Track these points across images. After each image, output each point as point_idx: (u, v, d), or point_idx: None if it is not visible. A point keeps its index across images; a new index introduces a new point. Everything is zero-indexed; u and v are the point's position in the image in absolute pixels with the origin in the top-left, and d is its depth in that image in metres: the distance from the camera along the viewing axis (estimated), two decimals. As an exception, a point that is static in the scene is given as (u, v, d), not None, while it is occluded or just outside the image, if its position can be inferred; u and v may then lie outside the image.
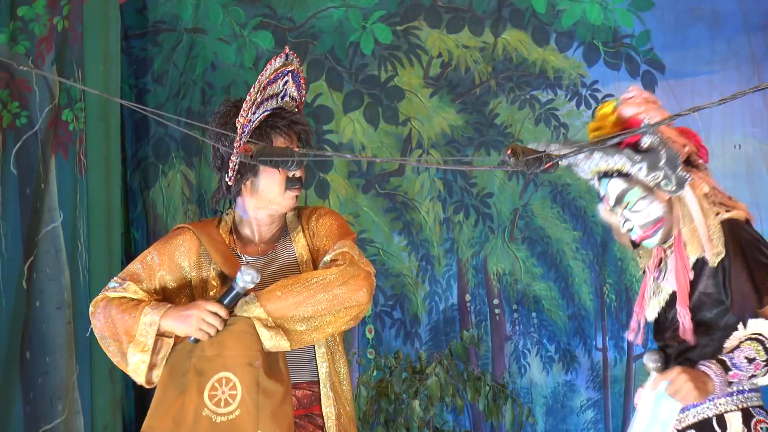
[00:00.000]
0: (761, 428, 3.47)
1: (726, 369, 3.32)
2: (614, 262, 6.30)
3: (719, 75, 6.18)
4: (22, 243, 5.99)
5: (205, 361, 3.56)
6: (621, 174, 3.63)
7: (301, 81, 3.78)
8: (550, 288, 6.38)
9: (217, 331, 3.55)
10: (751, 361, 3.31)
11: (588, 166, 3.65)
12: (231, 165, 3.65)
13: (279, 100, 3.72)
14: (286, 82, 3.71)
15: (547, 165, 3.15)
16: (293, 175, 3.71)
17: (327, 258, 3.68)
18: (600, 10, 6.32)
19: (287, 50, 3.71)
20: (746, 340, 3.34)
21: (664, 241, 3.67)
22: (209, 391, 3.53)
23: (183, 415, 3.53)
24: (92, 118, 6.19)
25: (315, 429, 3.68)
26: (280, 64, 3.67)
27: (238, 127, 3.59)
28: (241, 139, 3.59)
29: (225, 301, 3.59)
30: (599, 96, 6.33)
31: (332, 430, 3.68)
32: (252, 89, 3.61)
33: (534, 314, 6.39)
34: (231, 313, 3.60)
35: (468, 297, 6.45)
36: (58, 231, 6.09)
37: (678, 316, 3.54)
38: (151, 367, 3.61)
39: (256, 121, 3.64)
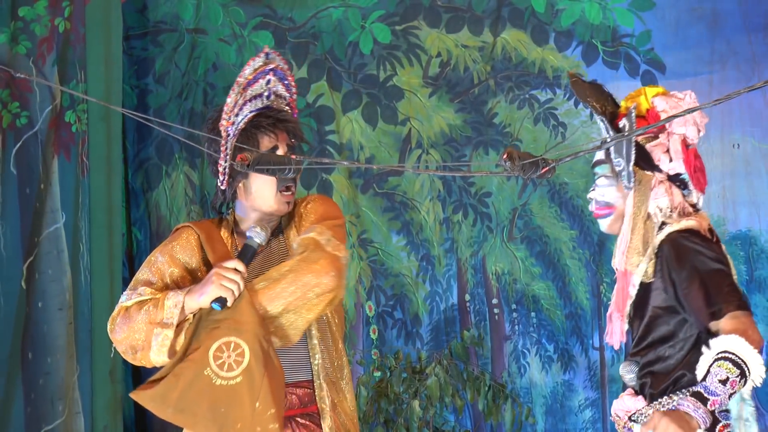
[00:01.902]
0: None
1: (704, 400, 3.29)
2: (610, 260, 6.24)
3: (719, 75, 6.17)
4: (21, 243, 6.00)
5: (217, 322, 3.52)
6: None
7: (289, 78, 3.76)
8: (549, 287, 6.37)
9: (239, 287, 3.51)
10: (725, 381, 3.27)
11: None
12: (221, 170, 3.65)
13: (265, 99, 3.70)
14: (269, 81, 3.68)
15: (544, 170, 3.07)
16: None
17: (294, 245, 3.65)
18: (599, 10, 6.31)
19: (266, 49, 3.69)
20: (714, 362, 3.30)
21: (614, 231, 3.68)
22: (215, 352, 3.49)
23: (184, 369, 3.50)
24: (94, 120, 6.19)
25: (316, 428, 3.65)
26: (261, 63, 3.66)
27: (222, 131, 3.58)
28: (227, 143, 3.58)
29: (242, 259, 3.58)
30: (599, 95, 6.32)
31: (327, 421, 3.64)
32: (231, 92, 3.60)
33: (533, 314, 6.38)
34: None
35: (467, 297, 6.44)
36: (60, 232, 6.09)
37: (608, 319, 3.56)
38: (174, 343, 3.56)
39: (241, 123, 3.63)
